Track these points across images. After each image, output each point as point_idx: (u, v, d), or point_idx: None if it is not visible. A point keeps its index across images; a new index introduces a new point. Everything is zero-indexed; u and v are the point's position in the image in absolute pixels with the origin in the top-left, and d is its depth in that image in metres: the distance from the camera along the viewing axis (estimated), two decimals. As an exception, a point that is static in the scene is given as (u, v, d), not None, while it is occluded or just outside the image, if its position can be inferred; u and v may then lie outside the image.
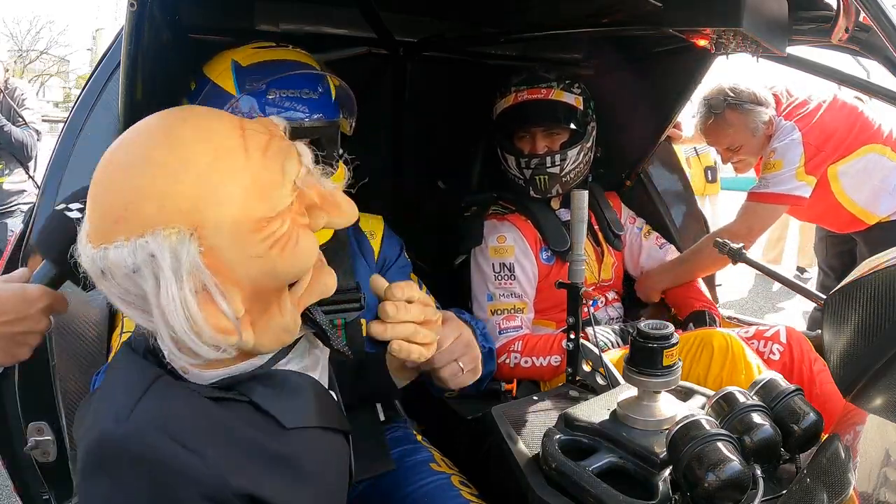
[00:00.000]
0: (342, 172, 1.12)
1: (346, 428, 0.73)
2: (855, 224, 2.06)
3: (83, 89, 1.24)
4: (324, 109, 1.07)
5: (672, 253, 1.78)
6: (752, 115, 1.85)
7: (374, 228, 1.23)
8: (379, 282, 0.72)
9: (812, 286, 2.31)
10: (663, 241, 1.79)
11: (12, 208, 2.98)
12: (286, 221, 0.57)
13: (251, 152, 0.56)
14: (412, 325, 0.69)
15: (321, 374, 0.72)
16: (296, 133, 1.01)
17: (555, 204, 1.66)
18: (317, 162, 0.63)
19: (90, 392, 0.89)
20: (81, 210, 0.70)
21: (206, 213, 0.53)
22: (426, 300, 0.73)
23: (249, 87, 1.03)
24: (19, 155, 2.92)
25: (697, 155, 6.45)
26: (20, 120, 2.97)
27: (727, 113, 1.87)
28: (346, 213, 0.63)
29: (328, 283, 0.65)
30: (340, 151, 1.14)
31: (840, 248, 2.57)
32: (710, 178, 6.51)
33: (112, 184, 0.54)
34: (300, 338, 0.70)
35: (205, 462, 0.53)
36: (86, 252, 0.55)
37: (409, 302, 0.70)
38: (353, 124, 1.19)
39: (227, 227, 0.54)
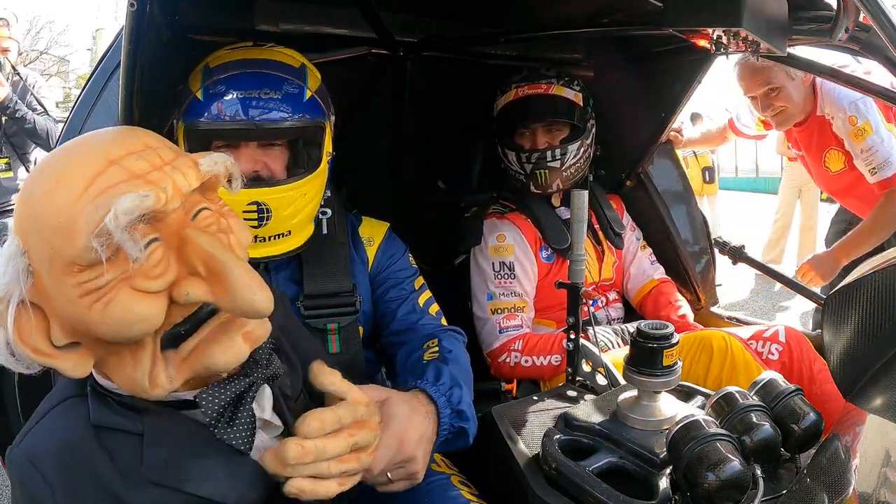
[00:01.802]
0: (323, 172, 1.08)
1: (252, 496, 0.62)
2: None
3: (83, 89, 1.24)
4: (290, 110, 1.01)
5: (660, 272, 1.78)
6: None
7: (374, 235, 1.19)
8: (321, 377, 0.64)
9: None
10: (654, 258, 1.81)
11: (10, 206, 2.94)
12: (105, 276, 0.51)
13: (90, 191, 0.51)
14: (325, 463, 0.59)
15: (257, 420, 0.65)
16: (262, 134, 1.01)
17: (555, 201, 1.67)
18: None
19: None
20: None
21: (31, 237, 0.53)
22: (361, 419, 0.63)
23: (211, 88, 1.01)
24: (45, 144, 2.79)
25: (695, 156, 6.48)
26: (39, 108, 2.83)
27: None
28: (235, 301, 0.53)
29: (221, 358, 0.56)
30: (331, 153, 1.10)
31: None
32: (707, 179, 6.54)
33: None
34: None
35: (54, 498, 0.54)
36: None
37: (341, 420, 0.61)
38: (332, 123, 1.13)
39: (44, 259, 0.52)
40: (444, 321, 1.17)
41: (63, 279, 0.52)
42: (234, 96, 1.00)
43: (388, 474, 0.78)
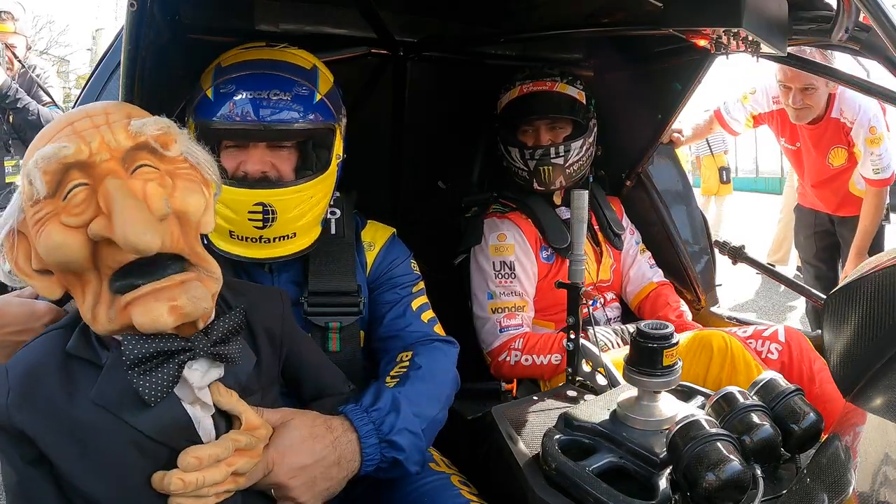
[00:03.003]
0: (332, 174, 1.08)
1: (178, 445, 0.67)
2: (847, 204, 2.51)
3: (83, 89, 1.24)
4: (300, 112, 1.01)
5: (658, 275, 1.79)
6: (831, 61, 1.89)
7: (376, 240, 1.17)
8: (218, 397, 0.70)
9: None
10: (653, 262, 1.81)
11: None
12: (44, 209, 0.62)
13: (52, 140, 0.63)
14: (203, 489, 0.66)
15: (213, 380, 0.70)
16: (270, 135, 1.01)
17: (556, 199, 1.67)
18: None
19: None
20: None
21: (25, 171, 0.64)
22: (243, 447, 0.70)
23: (222, 87, 1.01)
24: None
25: (712, 155, 6.40)
26: (46, 99, 2.72)
27: (816, 53, 1.87)
28: (115, 233, 0.59)
29: (139, 318, 0.62)
30: (340, 155, 1.10)
31: (827, 242, 2.77)
32: (724, 179, 6.48)
33: None
34: None
35: (6, 395, 0.64)
36: None
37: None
38: (343, 126, 1.13)
39: (24, 192, 0.64)
40: (438, 328, 1.14)
41: (28, 210, 0.63)
42: (244, 96, 0.99)
43: (272, 492, 0.78)
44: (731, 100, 2.49)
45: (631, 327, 1.58)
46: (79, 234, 0.62)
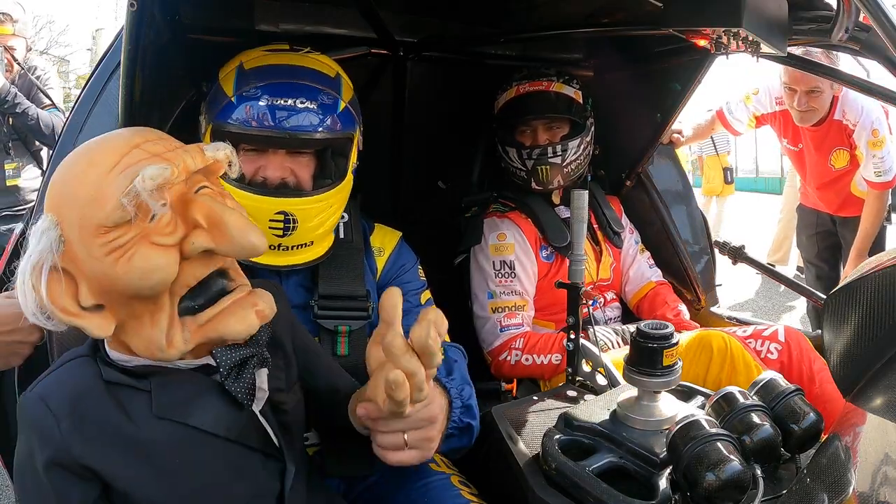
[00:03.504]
0: (349, 182, 1.08)
1: (250, 443, 0.72)
2: (849, 205, 2.51)
3: (83, 89, 1.23)
4: (324, 121, 1.01)
5: (657, 275, 1.79)
6: (836, 62, 1.90)
7: (385, 245, 1.17)
8: (393, 306, 0.74)
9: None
10: (652, 262, 1.81)
11: (20, 209, 2.68)
12: (127, 234, 0.61)
13: (115, 169, 0.62)
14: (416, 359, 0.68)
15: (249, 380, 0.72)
16: (293, 143, 1.01)
17: (555, 199, 1.67)
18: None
19: None
20: None
21: (63, 210, 0.63)
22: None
23: (245, 91, 1.00)
24: (49, 141, 2.61)
25: (717, 155, 6.37)
26: (45, 101, 2.64)
27: (821, 55, 1.89)
28: (233, 241, 0.64)
29: (236, 327, 0.66)
30: (356, 164, 1.10)
31: (829, 242, 2.77)
32: (728, 179, 6.45)
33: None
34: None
35: (59, 427, 0.62)
36: None
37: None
38: (361, 133, 1.13)
39: (74, 226, 0.62)
40: (447, 337, 1.16)
41: (92, 241, 0.61)
42: (270, 103, 0.98)
43: (405, 437, 0.76)
44: (733, 100, 2.49)
45: (631, 327, 1.58)
46: (173, 253, 0.63)
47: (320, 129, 1.01)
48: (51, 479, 0.62)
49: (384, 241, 1.18)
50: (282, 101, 0.98)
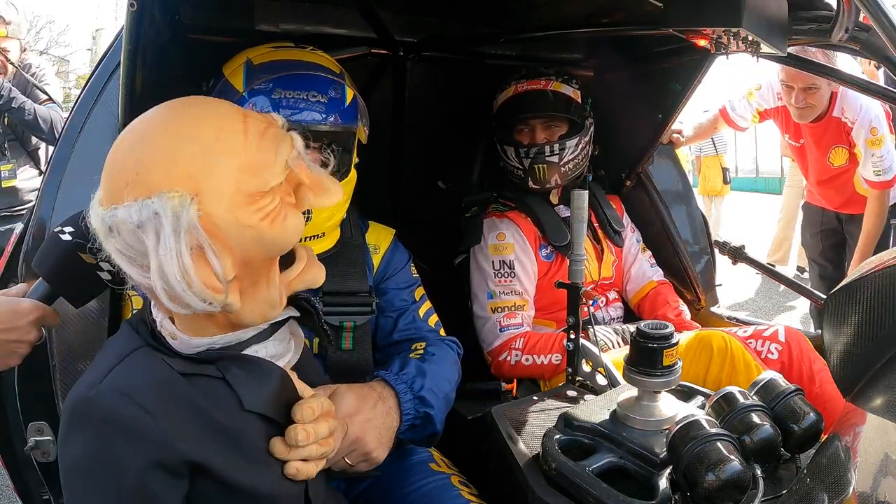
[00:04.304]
0: (353, 177, 1.10)
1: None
2: (854, 202, 2.49)
3: (83, 89, 1.23)
4: (333, 114, 1.03)
5: (658, 274, 1.79)
6: (833, 61, 1.89)
7: (380, 243, 1.20)
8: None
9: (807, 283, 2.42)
10: (654, 261, 1.81)
11: (18, 210, 2.67)
12: (276, 198, 0.63)
13: (250, 135, 0.63)
14: (315, 445, 0.70)
15: (291, 365, 0.75)
16: (304, 136, 1.01)
17: (553, 198, 1.67)
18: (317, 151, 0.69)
19: None
20: (73, 233, 0.77)
21: (206, 182, 0.60)
22: (330, 409, 0.74)
23: (256, 85, 1.01)
24: (48, 136, 2.55)
25: (717, 154, 6.36)
26: (42, 96, 2.62)
27: (817, 52, 1.86)
28: (332, 193, 0.68)
29: (318, 275, 0.71)
30: (357, 160, 1.11)
31: (834, 240, 2.76)
32: (727, 179, 6.45)
33: (126, 152, 0.62)
34: (282, 326, 0.74)
35: (158, 425, 0.59)
36: (96, 213, 0.61)
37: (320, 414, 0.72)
38: (367, 132, 1.16)
39: (223, 197, 0.60)
40: (442, 332, 1.19)
41: (245, 209, 0.61)
42: (282, 95, 1.00)
43: (346, 459, 0.85)
44: (735, 97, 2.49)
45: (631, 327, 1.57)
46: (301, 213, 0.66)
47: (331, 120, 1.03)
48: (150, 480, 0.59)
49: (379, 238, 1.20)
50: (293, 94, 1.01)
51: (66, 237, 0.77)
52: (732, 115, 2.48)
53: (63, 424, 0.61)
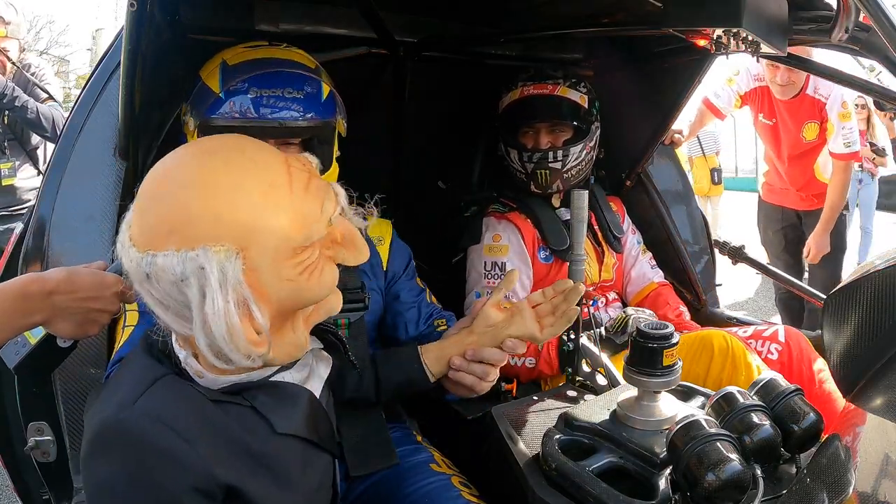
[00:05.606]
0: (335, 171, 1.12)
1: (332, 449, 0.78)
2: (811, 186, 2.76)
3: (83, 89, 1.23)
4: (311, 109, 1.03)
5: (658, 276, 1.79)
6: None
7: (383, 234, 1.20)
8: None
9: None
10: (654, 262, 1.81)
11: (18, 210, 2.67)
12: (316, 252, 0.64)
13: (295, 189, 0.63)
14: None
15: (316, 388, 0.77)
16: (282, 133, 1.02)
17: (555, 201, 1.66)
18: (350, 202, 0.69)
19: (103, 382, 0.96)
20: None
21: (253, 238, 0.59)
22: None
23: (232, 86, 1.01)
24: (50, 135, 2.55)
25: (704, 156, 6.40)
26: (43, 95, 2.62)
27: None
28: (360, 253, 0.70)
29: (335, 304, 0.71)
30: (337, 153, 1.12)
31: (794, 235, 2.93)
32: (716, 180, 6.48)
33: (167, 197, 0.59)
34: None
35: (196, 451, 0.59)
36: (130, 254, 0.60)
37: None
38: (346, 125, 1.17)
39: (269, 252, 0.60)
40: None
41: (286, 263, 0.61)
42: (258, 94, 1.01)
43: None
44: (718, 86, 2.66)
45: (630, 309, 1.57)
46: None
47: (308, 116, 1.03)
48: (188, 502, 0.58)
49: (381, 230, 1.21)
50: (269, 92, 1.01)
51: None
52: (716, 102, 2.65)
53: (89, 443, 0.60)
